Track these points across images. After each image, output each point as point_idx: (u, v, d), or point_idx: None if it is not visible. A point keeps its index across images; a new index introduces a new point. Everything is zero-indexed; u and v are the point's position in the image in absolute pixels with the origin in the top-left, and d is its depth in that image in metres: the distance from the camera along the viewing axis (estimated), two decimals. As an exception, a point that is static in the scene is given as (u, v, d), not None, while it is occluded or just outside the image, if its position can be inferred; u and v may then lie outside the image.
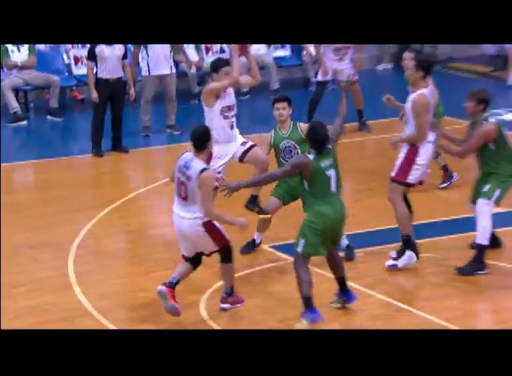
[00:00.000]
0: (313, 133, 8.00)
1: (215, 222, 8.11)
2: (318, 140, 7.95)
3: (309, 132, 8.06)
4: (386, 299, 8.66)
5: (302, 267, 8.04)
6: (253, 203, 9.25)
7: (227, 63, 9.39)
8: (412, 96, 9.13)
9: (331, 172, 7.98)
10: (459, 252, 9.47)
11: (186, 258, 8.28)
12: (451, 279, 9.06)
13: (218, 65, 9.32)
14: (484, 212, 8.97)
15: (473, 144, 8.99)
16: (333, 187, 8.00)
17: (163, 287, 8.11)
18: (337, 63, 13.45)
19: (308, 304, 8.00)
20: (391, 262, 9.21)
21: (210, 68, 9.54)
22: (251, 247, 9.62)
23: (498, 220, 9.49)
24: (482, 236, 9.00)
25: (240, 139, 9.49)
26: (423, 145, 9.08)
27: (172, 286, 8.15)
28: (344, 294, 8.36)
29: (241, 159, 9.45)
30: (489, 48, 16.48)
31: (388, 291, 8.79)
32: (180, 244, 8.30)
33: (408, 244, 9.14)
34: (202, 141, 7.99)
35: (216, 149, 9.03)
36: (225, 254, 8.24)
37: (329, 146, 8.03)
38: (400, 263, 9.15)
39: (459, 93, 10.80)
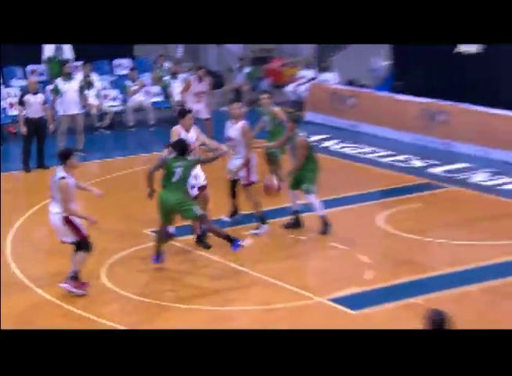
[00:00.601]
0: (177, 143, 8.42)
1: (74, 218, 7.70)
2: (178, 148, 8.31)
3: (175, 142, 8.47)
4: (225, 262, 8.59)
5: (159, 229, 8.39)
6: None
7: (190, 111, 9.00)
8: (238, 126, 9.38)
9: (178, 170, 8.20)
10: (278, 230, 9.53)
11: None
12: (273, 248, 9.13)
13: (184, 113, 8.91)
14: (314, 201, 9.38)
15: (300, 155, 9.36)
16: (174, 179, 8.20)
17: (64, 285, 7.72)
18: (196, 104, 13.31)
19: (156, 251, 8.34)
20: (254, 231, 9.38)
21: (177, 114, 8.98)
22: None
23: (302, 208, 9.65)
24: (320, 211, 9.37)
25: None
26: (251, 154, 9.43)
27: (74, 278, 7.75)
28: (232, 244, 8.39)
29: None
30: (292, 95, 16.53)
31: (227, 256, 8.66)
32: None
33: (264, 219, 9.43)
34: (62, 158, 7.82)
35: None
36: (80, 245, 7.76)
37: (187, 157, 8.28)
38: (261, 231, 9.38)
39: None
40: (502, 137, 12.49)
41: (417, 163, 12.51)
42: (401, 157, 12.79)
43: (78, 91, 13.40)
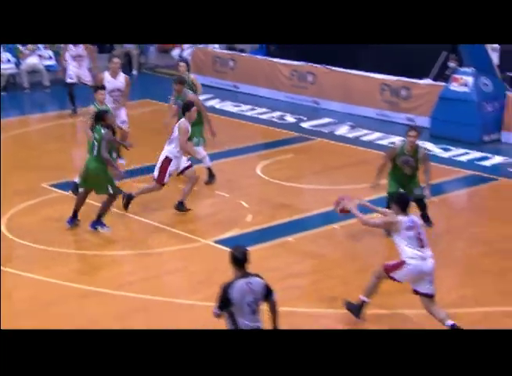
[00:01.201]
0: (97, 112, 8.11)
1: None
2: (96, 118, 7.98)
3: (99, 115, 8.03)
4: (122, 212, 8.38)
5: (80, 194, 8.06)
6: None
7: (193, 104, 8.42)
8: (121, 78, 9.75)
9: (95, 143, 7.82)
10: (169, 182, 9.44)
11: None
12: (165, 198, 8.93)
13: (189, 106, 8.34)
14: (201, 151, 9.31)
15: (200, 109, 9.10)
16: (95, 152, 7.83)
17: None
18: (77, 69, 12.54)
19: (73, 214, 7.97)
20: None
21: (183, 108, 8.42)
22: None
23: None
24: (207, 163, 9.33)
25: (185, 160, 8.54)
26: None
27: None
28: (96, 222, 8.02)
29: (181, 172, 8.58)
30: (176, 57, 16.09)
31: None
32: None
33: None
34: None
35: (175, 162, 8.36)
36: None
37: (103, 129, 7.81)
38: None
39: (162, 87, 10.79)
40: (361, 95, 12.93)
41: (290, 119, 12.72)
42: (276, 114, 12.93)
43: (-29, 54, 12.49)
